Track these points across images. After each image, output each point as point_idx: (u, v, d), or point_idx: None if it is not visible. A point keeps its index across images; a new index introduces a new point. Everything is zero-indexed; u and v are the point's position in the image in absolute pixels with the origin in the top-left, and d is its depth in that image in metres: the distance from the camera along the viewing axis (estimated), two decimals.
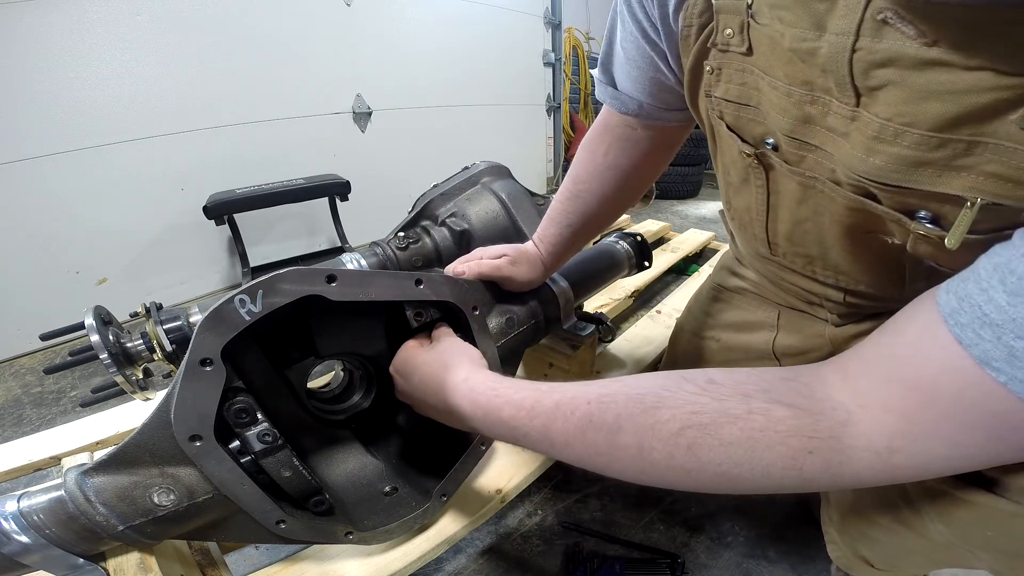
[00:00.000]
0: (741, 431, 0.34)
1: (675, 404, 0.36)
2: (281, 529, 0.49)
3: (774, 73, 0.42)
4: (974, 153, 0.31)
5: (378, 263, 0.94)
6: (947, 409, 0.30)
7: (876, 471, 0.32)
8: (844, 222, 0.45)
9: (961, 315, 0.29)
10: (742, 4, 0.41)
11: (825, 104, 0.39)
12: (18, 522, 0.42)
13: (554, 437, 0.40)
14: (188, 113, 1.72)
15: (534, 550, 0.85)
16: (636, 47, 0.55)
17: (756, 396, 0.35)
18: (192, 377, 0.41)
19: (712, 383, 0.37)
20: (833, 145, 0.40)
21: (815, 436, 0.33)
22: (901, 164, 0.35)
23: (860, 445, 0.32)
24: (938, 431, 0.30)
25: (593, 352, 0.90)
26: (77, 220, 1.58)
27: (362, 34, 2.10)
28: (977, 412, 0.29)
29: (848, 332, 0.65)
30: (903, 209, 0.38)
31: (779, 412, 0.34)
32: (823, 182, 0.44)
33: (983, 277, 0.28)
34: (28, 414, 1.28)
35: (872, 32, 0.33)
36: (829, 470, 0.33)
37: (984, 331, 0.27)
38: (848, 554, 0.64)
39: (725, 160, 0.57)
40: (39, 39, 1.40)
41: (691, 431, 0.35)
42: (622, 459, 0.37)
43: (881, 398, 0.32)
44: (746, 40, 0.43)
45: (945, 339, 0.29)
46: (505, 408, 0.43)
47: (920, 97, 0.32)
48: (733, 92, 0.47)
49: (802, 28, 0.37)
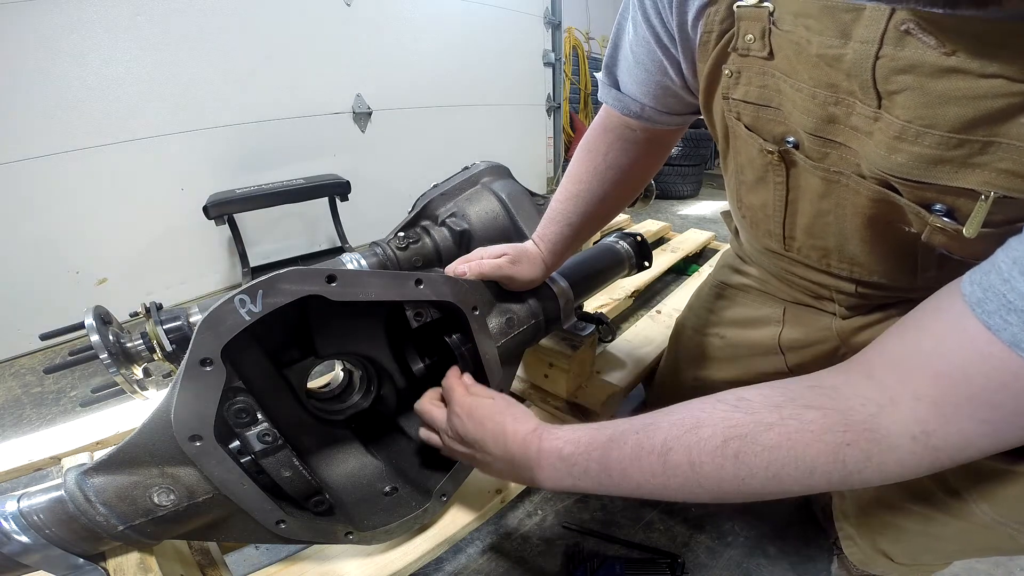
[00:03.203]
0: (779, 435, 0.36)
1: (713, 422, 0.39)
2: (281, 529, 0.49)
3: (798, 76, 0.44)
4: (988, 152, 0.35)
5: (378, 263, 0.94)
6: (977, 392, 0.31)
7: (918, 456, 0.34)
8: (866, 213, 0.48)
9: (988, 303, 0.31)
10: (764, 12, 0.44)
11: (849, 105, 0.42)
12: (18, 522, 0.42)
13: (611, 467, 0.43)
14: (188, 113, 1.72)
15: (534, 550, 0.85)
16: (647, 51, 0.57)
17: (786, 405, 0.38)
18: (192, 377, 0.41)
19: (742, 400, 0.40)
20: (857, 142, 0.43)
21: (848, 430, 0.35)
22: (921, 161, 0.38)
23: (896, 431, 0.34)
24: (969, 411, 0.32)
25: (593, 352, 0.90)
26: (77, 220, 1.58)
27: (362, 34, 2.10)
28: (1007, 392, 0.30)
29: (855, 324, 0.66)
30: (921, 202, 0.41)
31: (810, 415, 0.36)
32: (848, 176, 0.47)
33: (1004, 269, 0.31)
34: (28, 414, 1.28)
35: (895, 41, 0.36)
36: (871, 460, 0.35)
37: (1010, 317, 0.29)
38: (867, 549, 0.65)
39: (740, 160, 0.58)
40: (39, 39, 1.40)
41: (734, 442, 0.38)
42: (677, 478, 0.40)
43: (911, 389, 0.34)
44: (767, 45, 0.45)
45: (974, 327, 0.31)
46: (565, 447, 0.46)
47: (939, 102, 0.35)
48: (753, 94, 0.50)
49: (828, 36, 0.40)
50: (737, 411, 0.39)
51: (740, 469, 0.37)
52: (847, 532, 0.68)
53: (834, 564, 0.80)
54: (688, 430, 0.40)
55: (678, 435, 0.40)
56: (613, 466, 0.42)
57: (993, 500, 0.46)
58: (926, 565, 0.64)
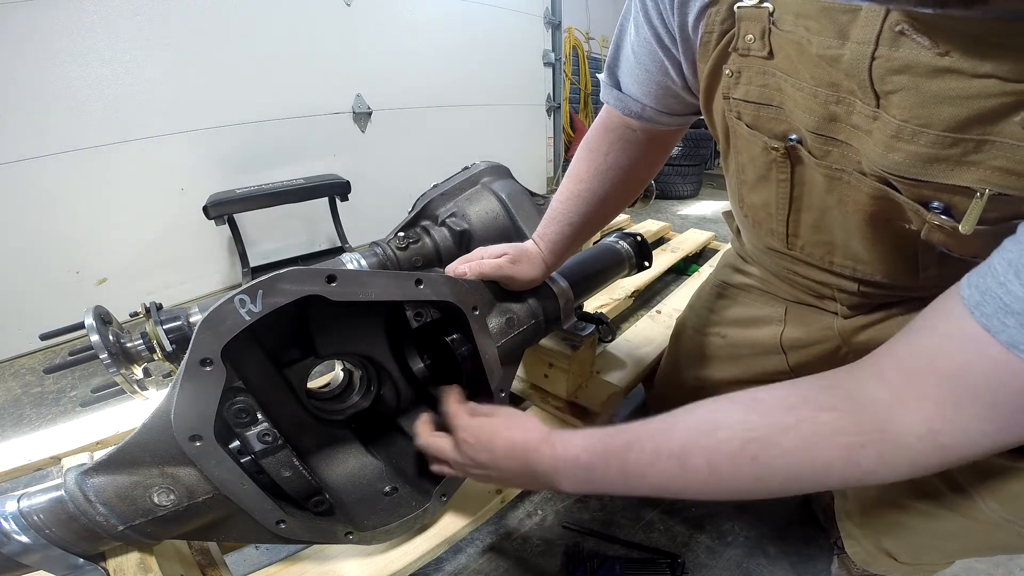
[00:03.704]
0: (796, 438, 0.37)
1: (730, 424, 0.40)
2: (281, 529, 0.49)
3: (799, 75, 0.45)
4: (983, 150, 0.35)
5: (378, 263, 0.94)
6: (979, 392, 0.32)
7: (928, 455, 0.35)
8: (867, 210, 0.49)
9: (985, 306, 0.32)
10: (764, 12, 0.44)
11: (850, 104, 0.42)
12: (18, 522, 0.42)
13: (630, 471, 0.43)
14: (188, 113, 1.72)
15: (534, 550, 0.85)
16: (648, 52, 0.57)
17: (800, 407, 0.38)
18: (192, 377, 0.41)
19: (756, 401, 0.40)
20: (858, 141, 0.44)
21: (861, 432, 0.36)
22: (918, 160, 0.39)
23: (904, 432, 0.35)
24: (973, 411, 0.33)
25: (593, 352, 0.90)
26: (77, 220, 1.58)
27: (362, 34, 2.10)
28: (1007, 392, 0.31)
29: (857, 323, 0.66)
30: (919, 200, 0.42)
31: (824, 417, 0.37)
32: (850, 173, 0.47)
33: (999, 272, 0.31)
34: (28, 414, 1.28)
35: (890, 42, 0.36)
36: (885, 460, 0.36)
37: (1008, 319, 0.30)
38: (870, 548, 0.65)
39: (741, 159, 0.58)
40: (39, 39, 1.40)
41: (752, 445, 0.38)
42: (696, 481, 0.40)
43: (917, 390, 0.35)
44: (767, 45, 0.46)
45: (973, 329, 0.32)
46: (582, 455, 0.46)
47: (934, 102, 0.36)
48: (754, 93, 0.50)
49: (827, 36, 0.40)
50: (753, 413, 0.39)
51: (758, 471, 0.38)
52: (850, 531, 0.68)
53: (834, 564, 0.80)
54: (706, 433, 0.40)
55: (696, 439, 0.40)
56: (631, 470, 0.43)
57: (1001, 497, 0.46)
58: (929, 564, 0.64)
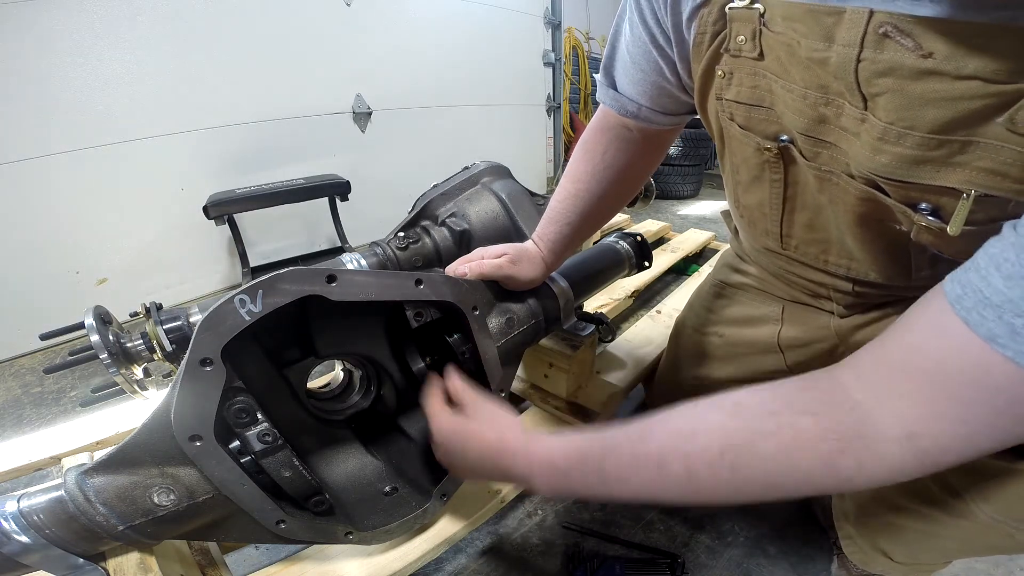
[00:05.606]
0: (775, 446, 0.36)
1: (709, 429, 0.39)
2: (281, 529, 0.49)
3: (789, 77, 0.45)
4: (968, 151, 0.36)
5: (378, 263, 0.94)
6: (954, 389, 0.32)
7: (907, 461, 0.34)
8: (857, 211, 0.49)
9: (965, 300, 0.31)
10: (755, 13, 0.44)
11: (839, 106, 0.42)
12: (18, 522, 0.42)
13: (608, 476, 0.42)
14: (188, 113, 1.72)
15: (534, 550, 0.85)
16: (643, 52, 0.57)
17: (781, 411, 0.37)
18: (192, 377, 0.41)
19: (738, 405, 0.40)
20: (846, 143, 0.44)
21: (841, 438, 0.35)
22: (904, 162, 0.39)
23: (883, 437, 0.34)
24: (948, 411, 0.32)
25: (593, 352, 0.90)
26: (77, 220, 1.58)
27: (362, 34, 2.10)
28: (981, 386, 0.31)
29: (853, 323, 0.67)
30: (907, 201, 0.42)
31: (804, 422, 0.36)
32: (838, 175, 0.47)
33: (982, 267, 0.31)
34: (28, 414, 1.28)
35: (874, 44, 0.36)
36: (864, 467, 0.34)
37: (986, 312, 0.30)
38: (866, 548, 0.65)
39: (735, 159, 0.58)
40: (39, 39, 1.40)
41: (730, 452, 0.37)
42: (674, 487, 0.40)
43: (894, 387, 0.34)
44: (758, 46, 0.46)
45: (952, 323, 0.32)
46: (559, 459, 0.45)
47: (918, 104, 0.36)
48: (745, 94, 0.50)
49: (814, 39, 0.40)
50: (734, 418, 0.39)
51: (736, 478, 0.37)
52: (847, 532, 0.68)
53: (834, 564, 0.80)
54: (685, 439, 0.40)
55: (675, 444, 0.40)
56: (610, 475, 0.42)
57: (991, 498, 0.46)
58: (926, 564, 0.64)
